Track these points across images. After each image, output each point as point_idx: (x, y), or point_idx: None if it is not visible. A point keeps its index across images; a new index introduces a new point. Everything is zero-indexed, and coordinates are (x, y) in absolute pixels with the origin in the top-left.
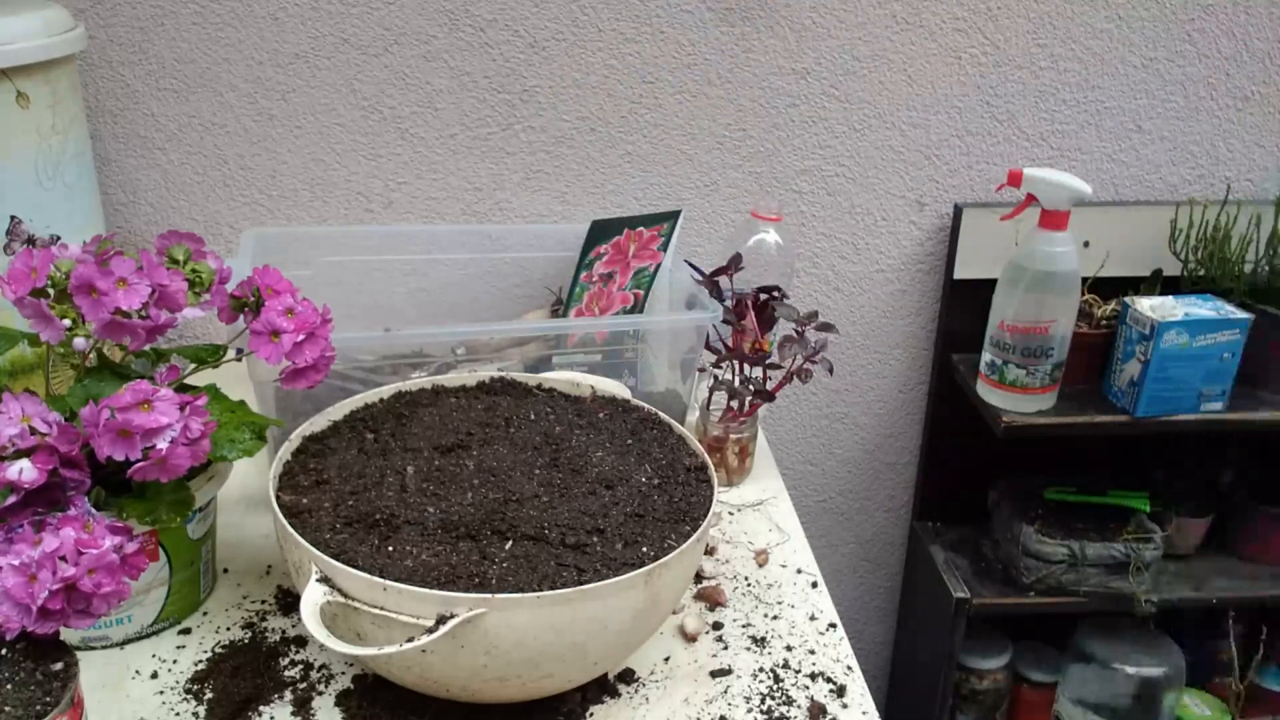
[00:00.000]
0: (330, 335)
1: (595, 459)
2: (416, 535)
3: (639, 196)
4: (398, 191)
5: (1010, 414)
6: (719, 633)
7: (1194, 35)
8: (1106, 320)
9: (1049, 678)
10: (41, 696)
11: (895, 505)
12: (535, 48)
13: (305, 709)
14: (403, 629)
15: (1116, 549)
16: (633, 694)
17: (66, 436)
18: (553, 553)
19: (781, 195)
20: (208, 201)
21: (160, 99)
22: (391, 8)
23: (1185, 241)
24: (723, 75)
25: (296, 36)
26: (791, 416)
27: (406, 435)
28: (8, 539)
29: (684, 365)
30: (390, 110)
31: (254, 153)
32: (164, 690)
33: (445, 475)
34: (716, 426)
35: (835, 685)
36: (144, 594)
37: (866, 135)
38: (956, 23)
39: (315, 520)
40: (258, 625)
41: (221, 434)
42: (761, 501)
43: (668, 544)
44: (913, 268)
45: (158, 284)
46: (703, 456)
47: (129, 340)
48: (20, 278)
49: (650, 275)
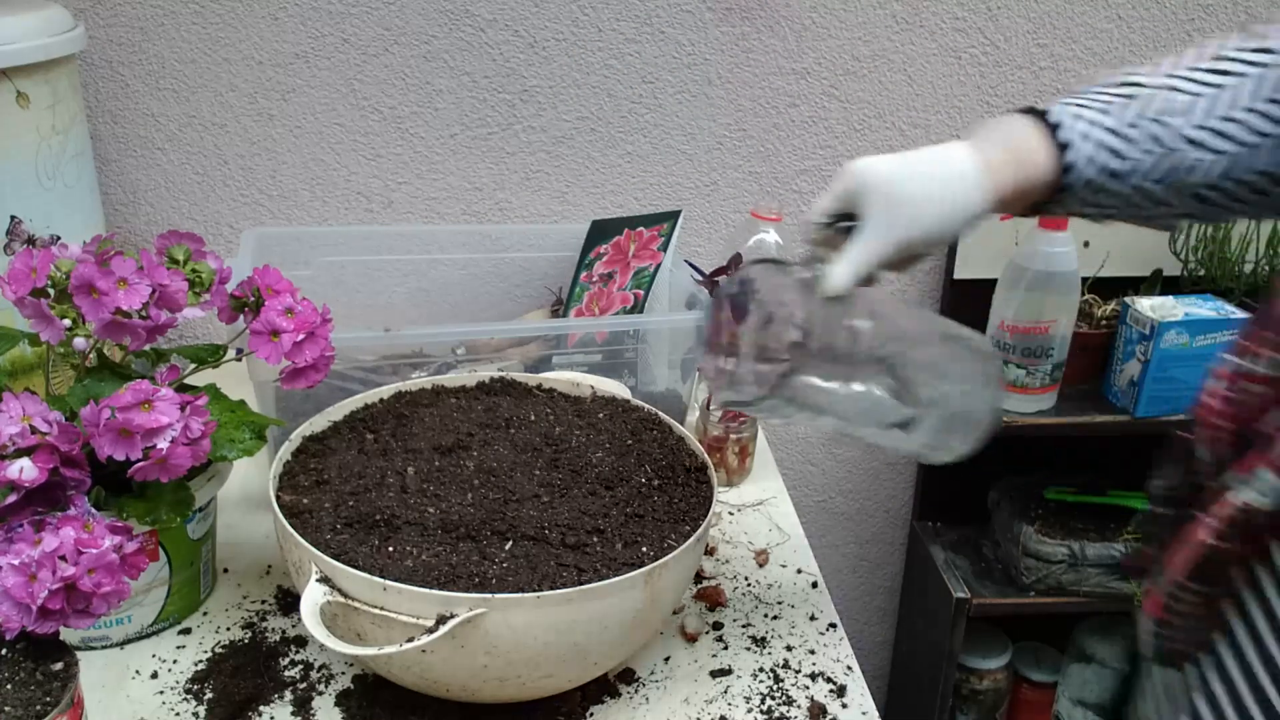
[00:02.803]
0: (330, 335)
1: (595, 459)
2: (416, 535)
3: (639, 196)
4: (398, 191)
5: (1010, 414)
6: (719, 633)
7: (1194, 35)
8: (1106, 320)
9: (1049, 678)
10: (41, 696)
11: (895, 505)
12: (535, 48)
13: (305, 709)
14: (403, 629)
15: (1116, 549)
16: (633, 694)
17: (67, 436)
18: (553, 553)
19: (781, 195)
20: (208, 201)
21: (160, 99)
22: (391, 8)
23: (1185, 241)
24: (723, 75)
25: (296, 36)
26: None
27: (406, 435)
28: (8, 538)
29: (684, 365)
30: (390, 110)
31: (254, 153)
32: (164, 690)
33: (445, 475)
34: (716, 426)
35: (835, 685)
36: (144, 594)
37: (866, 135)
38: (956, 23)
39: (315, 520)
40: (258, 625)
41: (221, 434)
42: (761, 501)
43: (668, 544)
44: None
45: (158, 284)
46: (703, 456)
47: (129, 340)
48: (20, 278)
49: (650, 275)
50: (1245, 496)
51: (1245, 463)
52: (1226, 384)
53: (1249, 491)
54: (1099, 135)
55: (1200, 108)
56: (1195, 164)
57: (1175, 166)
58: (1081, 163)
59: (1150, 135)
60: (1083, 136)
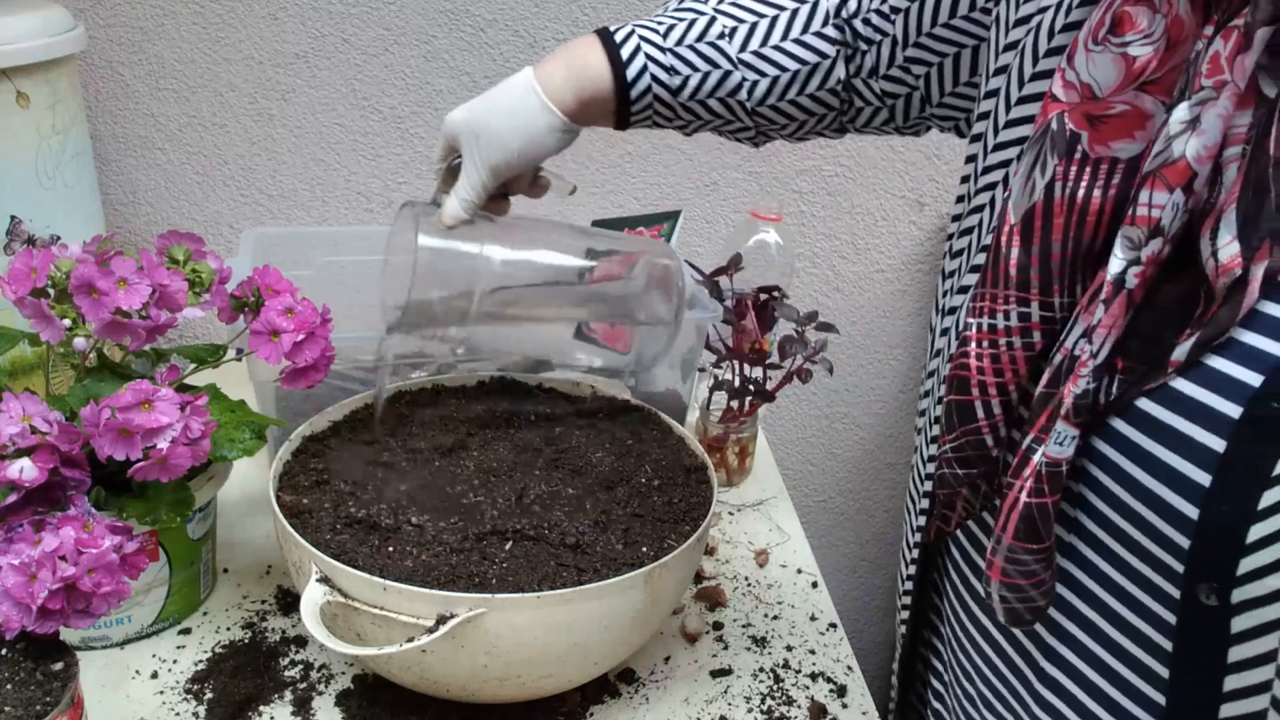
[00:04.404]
0: (330, 335)
1: (595, 459)
2: (416, 535)
3: (639, 196)
4: (398, 191)
5: None
6: (719, 633)
7: None
8: None
9: None
10: (41, 696)
11: (895, 505)
12: (535, 48)
13: (305, 709)
14: (403, 629)
15: None
16: (633, 694)
17: (67, 436)
18: (553, 553)
19: (781, 195)
20: (208, 201)
21: (160, 99)
22: (391, 8)
23: None
24: None
25: (296, 36)
26: (791, 416)
27: (406, 435)
28: (8, 538)
29: (684, 365)
30: (390, 110)
31: (254, 153)
32: (164, 690)
33: (445, 475)
34: (716, 426)
35: (835, 685)
36: (144, 594)
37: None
38: None
39: (315, 520)
40: (258, 625)
41: (221, 434)
42: (761, 501)
43: (668, 544)
44: (913, 268)
45: (158, 284)
46: (703, 456)
47: (129, 340)
48: (20, 278)
49: None
50: (1050, 451)
51: (1036, 423)
52: (987, 344)
53: (1051, 445)
54: (651, 52)
55: (744, 34)
56: (741, 83)
57: (725, 85)
58: (634, 77)
59: (703, 56)
60: (635, 52)
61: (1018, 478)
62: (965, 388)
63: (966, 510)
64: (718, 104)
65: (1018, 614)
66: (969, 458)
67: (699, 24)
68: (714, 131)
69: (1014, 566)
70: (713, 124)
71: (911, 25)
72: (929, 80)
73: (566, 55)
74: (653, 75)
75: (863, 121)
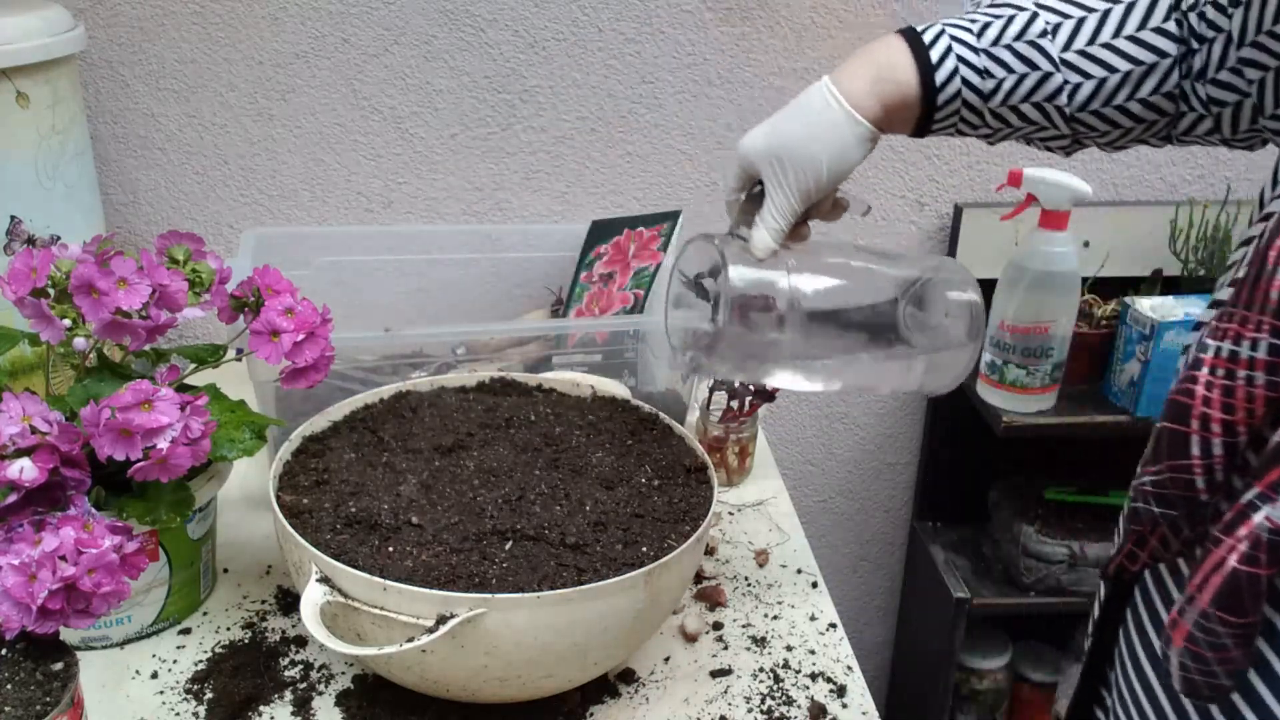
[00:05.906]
0: (330, 335)
1: (595, 459)
2: (416, 535)
3: (639, 196)
4: (398, 191)
5: (1010, 414)
6: (719, 633)
7: None
8: (1106, 320)
9: (1049, 678)
10: (41, 696)
11: (895, 505)
12: (535, 48)
13: (305, 709)
14: (403, 629)
15: None
16: (633, 694)
17: (67, 436)
18: (553, 553)
19: None
20: (208, 201)
21: (160, 99)
22: (391, 8)
23: (1185, 241)
24: (723, 75)
25: (296, 36)
26: (791, 416)
27: (406, 435)
28: (8, 538)
29: None
30: (390, 110)
31: (254, 153)
32: (164, 690)
33: (445, 475)
34: (716, 426)
35: (835, 685)
36: (144, 594)
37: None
38: None
39: (315, 520)
40: (258, 625)
41: (221, 434)
42: (761, 501)
43: (668, 544)
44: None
45: (158, 284)
46: (703, 457)
47: (129, 340)
48: (20, 278)
49: (650, 275)
50: (1276, 515)
51: (1266, 477)
52: (1223, 372)
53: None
54: (963, 53)
55: (1069, 31)
56: (1062, 86)
57: (1044, 88)
58: (944, 80)
59: (1020, 56)
60: (946, 53)
61: (1230, 534)
62: (1184, 418)
63: (1156, 554)
64: (1032, 109)
65: (1195, 686)
66: (1169, 497)
67: (1018, 21)
68: (1022, 140)
69: (1203, 635)
70: (1023, 131)
71: (1252, 20)
72: (1263, 86)
73: (869, 59)
74: (963, 78)
75: (1184, 129)
